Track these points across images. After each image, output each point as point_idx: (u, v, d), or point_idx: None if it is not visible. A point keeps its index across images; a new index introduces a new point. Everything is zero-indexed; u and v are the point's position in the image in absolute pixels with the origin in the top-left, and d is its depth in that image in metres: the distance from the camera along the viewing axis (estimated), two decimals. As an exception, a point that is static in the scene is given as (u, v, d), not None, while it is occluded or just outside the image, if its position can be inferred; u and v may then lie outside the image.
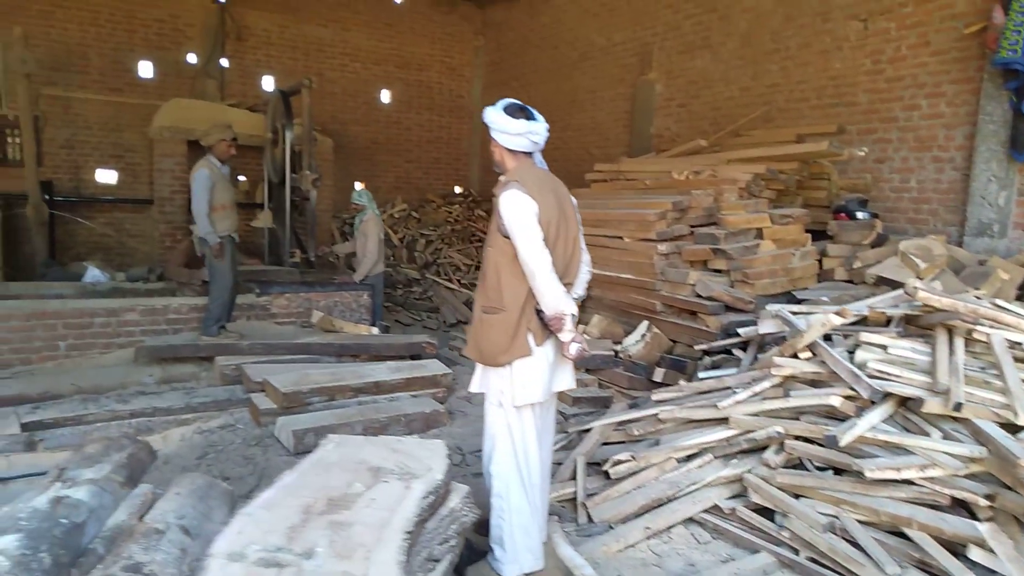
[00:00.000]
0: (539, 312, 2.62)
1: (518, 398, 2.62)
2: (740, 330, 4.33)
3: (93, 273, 6.95)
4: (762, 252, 5.16)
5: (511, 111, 2.71)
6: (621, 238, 5.88)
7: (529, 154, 2.81)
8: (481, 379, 2.80)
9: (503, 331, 2.58)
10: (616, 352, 5.13)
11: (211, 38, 9.95)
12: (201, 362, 5.59)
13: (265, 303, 6.44)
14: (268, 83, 10.46)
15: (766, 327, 3.98)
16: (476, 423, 4.71)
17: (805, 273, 5.19)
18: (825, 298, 4.59)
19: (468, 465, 4.09)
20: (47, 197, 8.47)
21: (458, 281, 9.57)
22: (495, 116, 2.71)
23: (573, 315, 2.60)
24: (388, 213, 10.66)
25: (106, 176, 9.57)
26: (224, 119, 9.20)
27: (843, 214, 5.41)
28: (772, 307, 4.11)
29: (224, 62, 10.14)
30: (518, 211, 2.56)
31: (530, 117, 2.73)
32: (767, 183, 5.81)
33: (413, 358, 5.63)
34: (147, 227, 9.84)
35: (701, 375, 4.10)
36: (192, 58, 9.93)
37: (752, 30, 7.12)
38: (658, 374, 4.83)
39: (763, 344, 4.16)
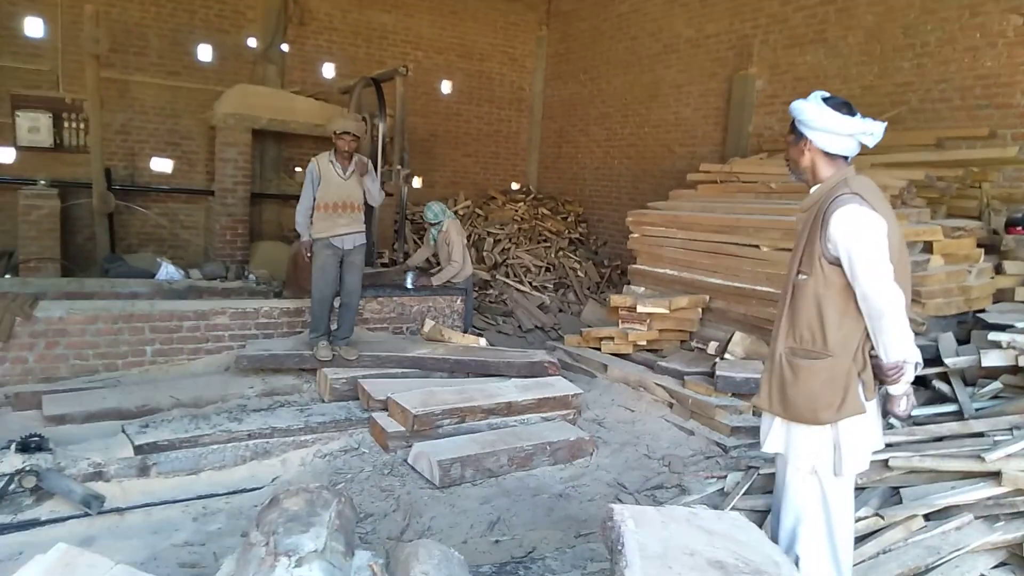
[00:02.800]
0: (873, 358, 2.13)
1: (846, 466, 2.13)
2: (949, 360, 3.83)
3: (168, 270, 6.49)
4: (933, 268, 4.66)
5: (837, 106, 2.22)
6: (757, 247, 5.39)
7: (847, 159, 2.31)
8: (783, 437, 2.30)
9: (829, 382, 2.10)
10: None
11: (273, 21, 9.44)
12: (302, 373, 5.13)
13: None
14: (328, 70, 9.94)
15: (992, 359, 3.49)
16: (624, 452, 4.26)
17: (982, 293, 4.69)
18: (1021, 324, 4.10)
19: (646, 507, 3.60)
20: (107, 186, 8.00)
21: (530, 284, 9.09)
22: (816, 112, 2.22)
23: (918, 364, 2.11)
24: (452, 210, 10.15)
25: (161, 164, 9.07)
26: (289, 106, 8.78)
27: (1020, 228, 4.91)
28: (996, 336, 3.61)
29: (285, 47, 9.63)
30: (867, 233, 2.07)
31: (855, 114, 2.24)
32: (919, 191, 5.32)
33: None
34: (201, 218, 9.39)
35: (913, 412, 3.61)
36: (252, 42, 9.42)
37: (880, 24, 6.60)
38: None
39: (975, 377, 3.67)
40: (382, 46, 10.33)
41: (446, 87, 10.98)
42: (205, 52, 9.13)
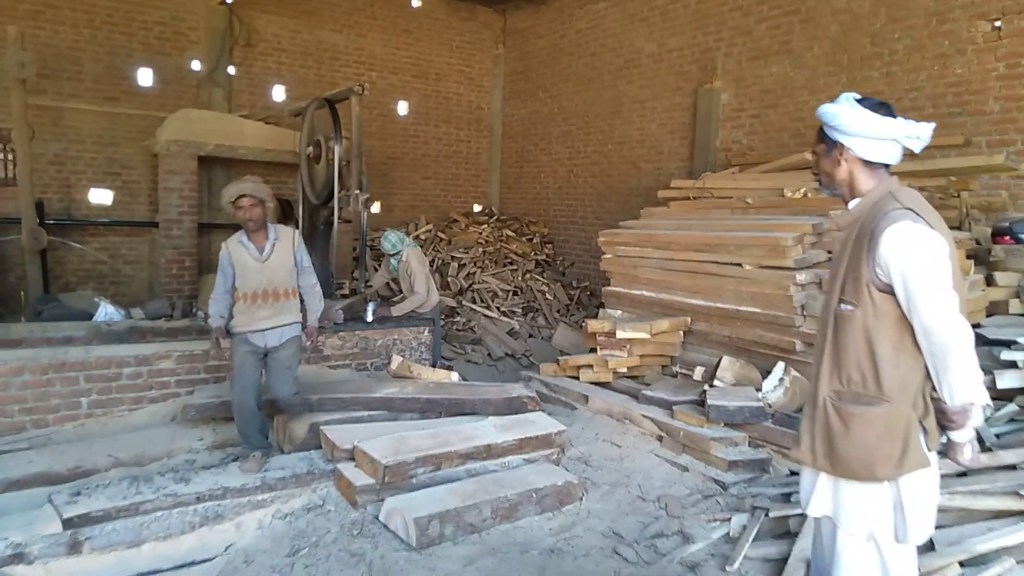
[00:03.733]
0: (935, 400, 1.83)
1: (912, 531, 1.81)
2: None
3: (107, 310, 5.95)
4: (925, 282, 4.46)
5: (873, 107, 1.94)
6: (740, 265, 5.15)
7: (887, 168, 2.03)
8: (831, 497, 1.96)
9: (887, 432, 1.79)
10: (769, 404, 4.36)
11: (217, 43, 9.00)
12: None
13: (318, 345, 5.53)
14: (278, 93, 9.53)
15: (1008, 380, 3.26)
16: (615, 494, 3.92)
17: (976, 306, 4.51)
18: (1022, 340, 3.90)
19: (647, 563, 3.25)
20: (39, 221, 7.41)
21: (498, 309, 8.74)
22: (852, 115, 1.93)
23: (988, 406, 1.81)
24: (413, 235, 9.78)
25: (100, 196, 8.50)
26: (238, 131, 8.33)
27: (1007, 237, 4.77)
28: (1011, 355, 3.39)
29: (231, 70, 9.18)
30: (925, 255, 1.78)
31: (894, 115, 1.96)
32: (900, 202, 5.15)
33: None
34: (145, 252, 8.82)
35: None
36: (196, 65, 8.96)
37: (846, 33, 6.50)
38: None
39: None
40: (334, 67, 9.95)
41: (402, 108, 10.66)
42: (145, 76, 8.64)
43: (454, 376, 5.28)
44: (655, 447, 4.52)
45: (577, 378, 5.64)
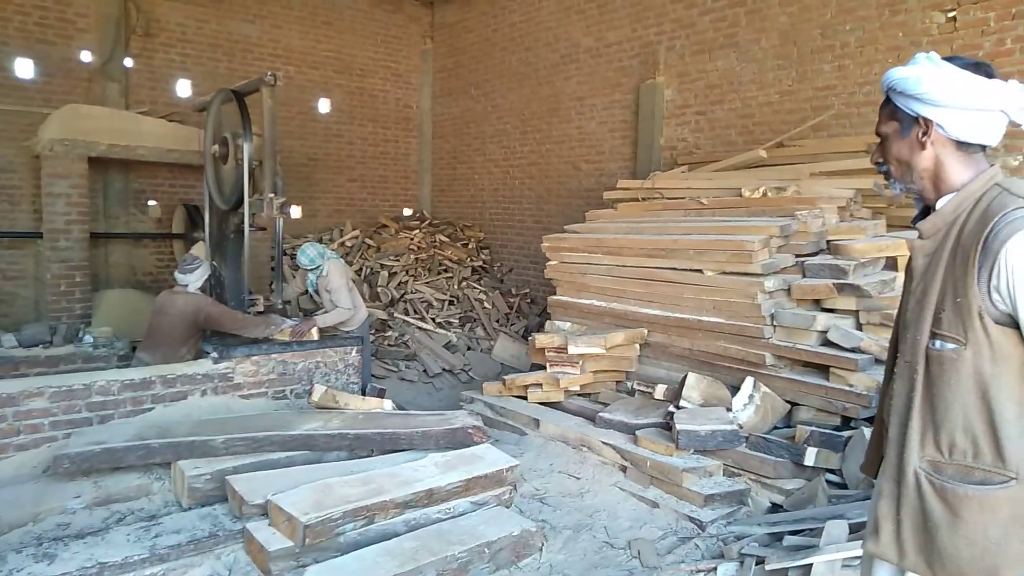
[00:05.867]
0: None
1: None
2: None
3: (-32, 338, 5.03)
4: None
5: (967, 67, 1.45)
6: (700, 271, 4.72)
7: (984, 151, 1.54)
8: None
9: (1015, 523, 1.30)
10: (741, 425, 3.92)
11: (111, 32, 8.04)
12: (151, 469, 3.92)
13: (226, 371, 4.79)
14: (183, 88, 8.64)
15: None
16: (579, 540, 3.39)
17: None
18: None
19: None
20: None
21: (432, 320, 8.12)
22: (940, 79, 1.43)
23: None
24: (338, 242, 9.05)
25: (-27, 203, 7.44)
26: (136, 129, 7.44)
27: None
28: None
29: (128, 62, 8.24)
30: None
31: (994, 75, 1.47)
32: (863, 200, 4.86)
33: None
34: (30, 267, 7.76)
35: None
36: (86, 56, 7.98)
37: (795, 25, 6.21)
38: (809, 455, 3.65)
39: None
40: (246, 60, 9.11)
41: (324, 106, 9.91)
42: (24, 68, 7.61)
43: (387, 405, 4.63)
44: (618, 479, 4.02)
45: (525, 398, 5.10)
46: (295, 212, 9.49)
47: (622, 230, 5.55)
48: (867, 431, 3.41)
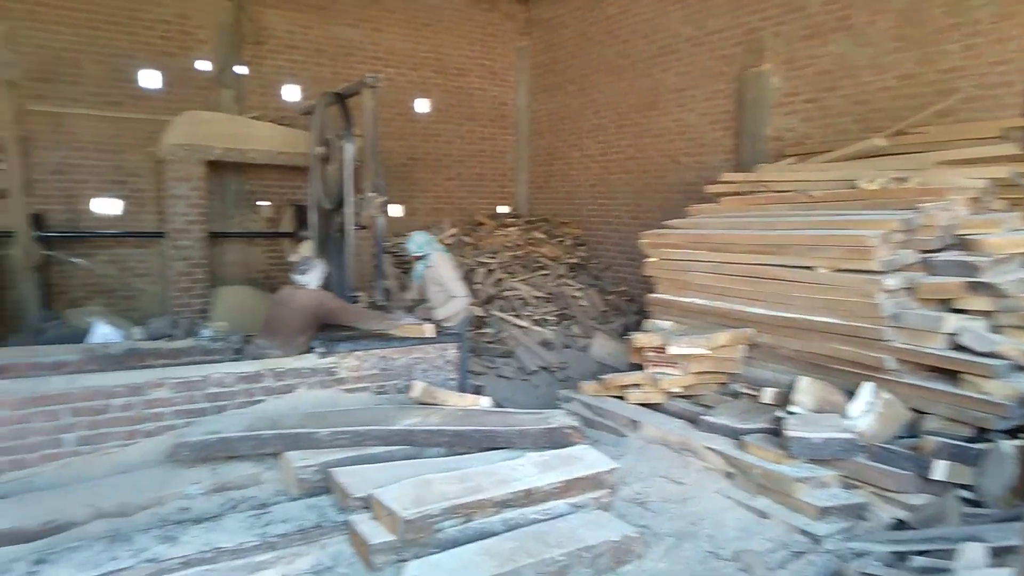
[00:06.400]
0: None
1: None
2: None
3: (102, 330, 5.43)
4: (1047, 288, 3.75)
5: None
6: (811, 268, 4.45)
7: None
8: None
9: None
10: (860, 434, 3.67)
11: (226, 42, 8.49)
12: (262, 458, 4.09)
13: (331, 365, 4.95)
14: (291, 92, 9.02)
15: None
16: (682, 548, 3.25)
17: None
18: None
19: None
20: (38, 234, 6.94)
21: (529, 317, 8.10)
22: None
23: None
24: (438, 239, 9.18)
25: (105, 206, 8.04)
26: (248, 133, 7.81)
27: None
28: None
29: (241, 69, 8.67)
30: None
31: None
32: (999, 191, 4.44)
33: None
34: (155, 264, 8.33)
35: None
36: (204, 65, 8.46)
37: (915, 4, 5.77)
38: (938, 469, 3.37)
39: None
40: (349, 63, 9.40)
41: (422, 106, 10.10)
42: (150, 78, 8.16)
43: (485, 402, 4.65)
44: (723, 485, 3.85)
45: (623, 398, 4.99)
46: (395, 211, 9.71)
47: (726, 225, 5.33)
48: (1008, 446, 3.11)
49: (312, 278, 5.19)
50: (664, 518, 3.61)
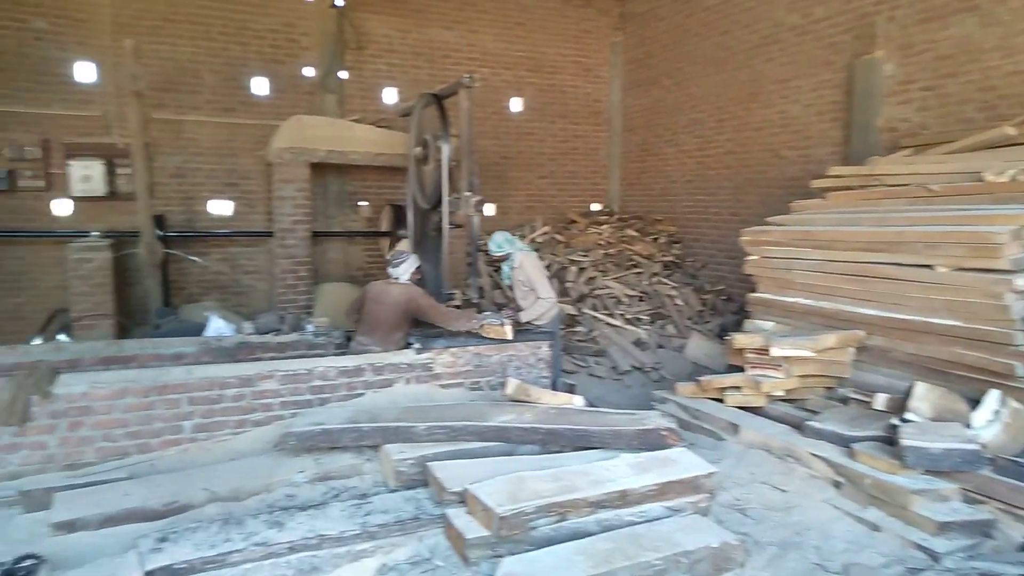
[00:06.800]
0: None
1: None
2: None
3: (216, 325, 5.77)
4: None
5: None
6: (930, 267, 4.17)
7: None
8: None
9: None
10: (985, 445, 3.41)
11: (329, 48, 8.83)
12: (362, 450, 4.22)
13: (427, 361, 5.05)
14: (390, 95, 9.28)
15: None
16: (786, 559, 3.11)
17: None
18: None
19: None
20: (160, 233, 7.45)
21: (621, 316, 8.00)
22: None
23: None
24: (529, 238, 9.23)
25: (220, 207, 8.55)
26: (349, 136, 8.09)
27: None
28: None
29: (343, 74, 8.99)
30: None
31: None
32: None
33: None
34: (264, 262, 8.78)
35: None
36: (309, 71, 8.83)
37: (1053, -22, 5.29)
38: (1079, 486, 3.08)
39: None
40: (445, 65, 9.57)
41: (516, 104, 10.16)
42: (260, 85, 8.60)
43: (578, 401, 4.62)
44: (831, 495, 3.66)
45: (721, 401, 4.84)
46: (489, 210, 9.81)
47: (834, 221, 5.07)
48: None
49: (404, 270, 5.36)
50: (766, 526, 3.47)
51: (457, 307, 5.68)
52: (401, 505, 3.59)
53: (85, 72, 7.71)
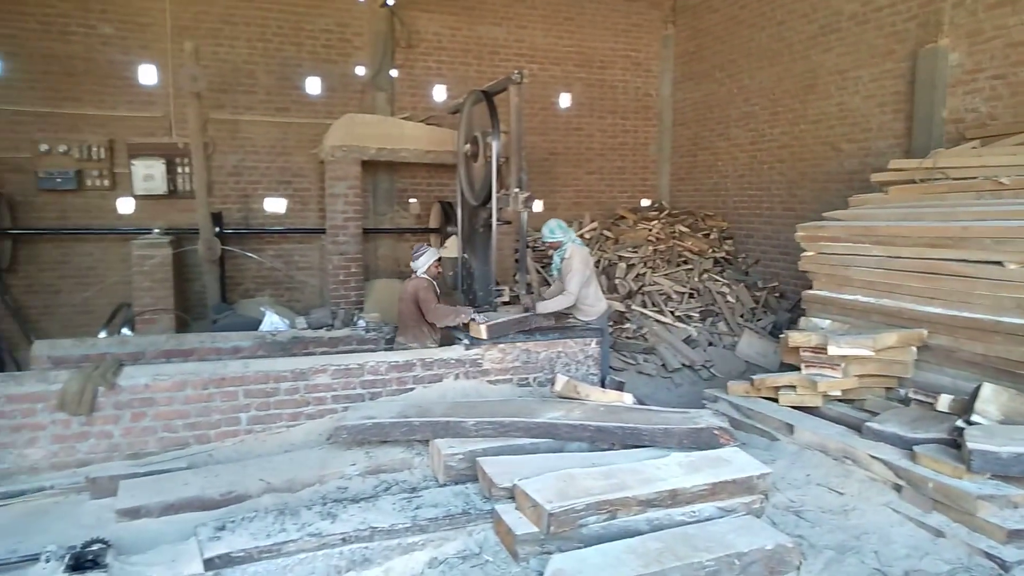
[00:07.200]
0: None
1: None
2: None
3: (272, 320, 5.91)
4: None
5: None
6: (1000, 264, 3.99)
7: None
8: None
9: None
10: (1059, 451, 3.24)
11: (380, 47, 8.93)
12: (412, 444, 4.27)
13: (476, 357, 5.08)
14: (439, 92, 9.33)
15: None
16: (844, 564, 3.02)
17: None
18: None
19: None
20: (217, 230, 7.66)
21: (671, 313, 7.89)
22: None
23: None
24: (577, 234, 9.16)
25: (274, 204, 8.74)
26: (399, 134, 8.17)
27: None
28: None
29: (393, 72, 9.09)
30: None
31: None
32: None
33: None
34: (315, 259, 8.95)
35: None
36: (360, 70, 8.95)
37: None
38: None
39: None
40: (494, 61, 9.58)
41: (564, 100, 10.10)
42: (313, 85, 8.76)
43: (628, 399, 4.58)
44: (891, 499, 3.54)
45: (775, 400, 4.73)
46: (537, 206, 9.79)
47: (896, 216, 4.90)
48: None
49: (422, 263, 5.51)
50: (823, 529, 3.38)
51: (505, 304, 5.68)
52: (451, 499, 3.62)
53: (148, 75, 7.98)
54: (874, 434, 3.90)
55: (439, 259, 5.66)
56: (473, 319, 5.14)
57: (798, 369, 4.67)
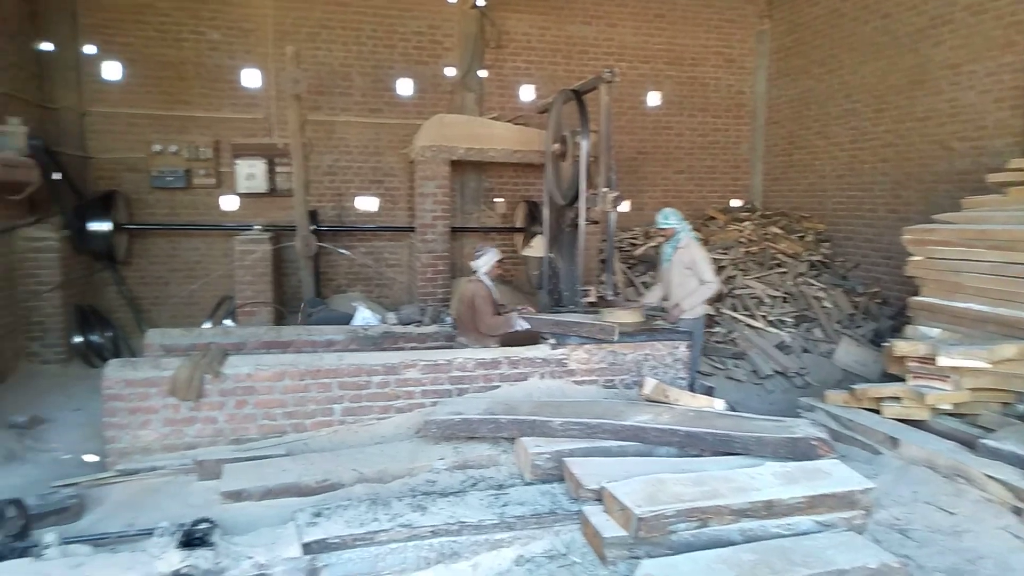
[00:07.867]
0: None
1: None
2: None
3: (363, 315, 6.08)
4: None
5: None
6: None
7: None
8: None
9: None
10: None
11: (470, 47, 9.04)
12: (499, 441, 4.30)
13: (561, 357, 5.06)
14: (527, 92, 9.38)
15: None
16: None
17: None
18: None
19: None
20: (313, 228, 7.96)
21: (764, 318, 7.63)
22: None
23: None
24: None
25: (366, 203, 9.01)
26: (488, 134, 8.25)
27: None
28: None
29: (482, 73, 9.18)
30: None
31: None
32: None
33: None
34: (405, 256, 9.17)
35: None
36: (450, 71, 9.10)
37: None
38: None
39: None
40: (582, 60, 9.54)
41: (654, 99, 9.96)
42: (405, 86, 8.97)
43: (719, 404, 4.46)
44: (1009, 522, 3.31)
45: (877, 411, 4.50)
46: (624, 206, 9.69)
47: (1015, 219, 4.57)
48: None
49: (483, 263, 5.53)
50: (931, 550, 3.19)
51: (591, 304, 5.64)
52: (537, 498, 3.62)
53: (251, 78, 8.38)
54: (990, 452, 3.65)
55: (500, 259, 5.68)
56: (519, 325, 5.29)
57: (903, 380, 4.43)
